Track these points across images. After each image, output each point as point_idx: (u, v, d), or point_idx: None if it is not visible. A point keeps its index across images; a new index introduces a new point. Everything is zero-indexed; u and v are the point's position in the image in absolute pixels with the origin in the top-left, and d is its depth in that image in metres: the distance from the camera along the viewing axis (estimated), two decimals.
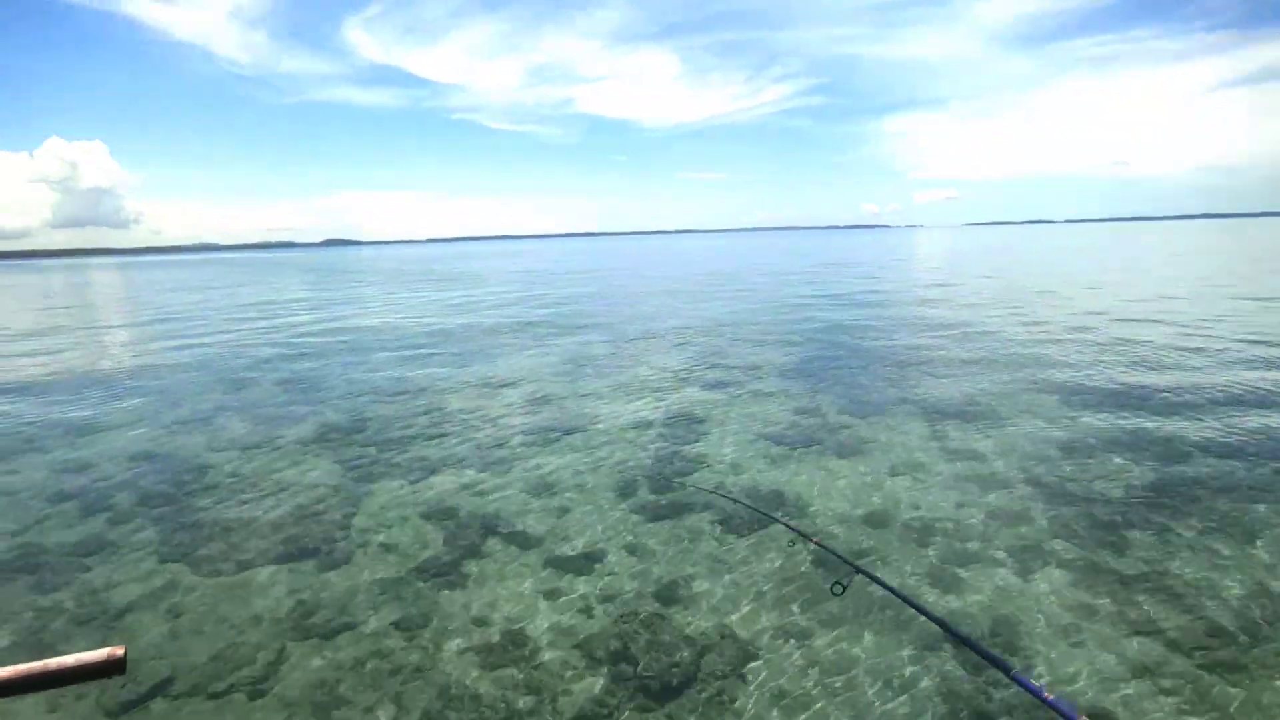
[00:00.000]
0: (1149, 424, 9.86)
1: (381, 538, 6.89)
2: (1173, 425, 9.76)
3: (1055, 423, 10.04)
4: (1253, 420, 9.89)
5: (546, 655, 5.07)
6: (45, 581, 6.14)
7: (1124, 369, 13.52)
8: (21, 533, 7.18)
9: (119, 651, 1.28)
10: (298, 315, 29.11)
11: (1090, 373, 13.29)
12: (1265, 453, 8.57)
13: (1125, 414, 10.40)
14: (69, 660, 1.26)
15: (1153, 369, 13.38)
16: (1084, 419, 10.19)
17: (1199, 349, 15.18)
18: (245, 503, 7.81)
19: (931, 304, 26.61)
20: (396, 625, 5.42)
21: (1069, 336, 17.71)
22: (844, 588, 4.03)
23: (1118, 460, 8.46)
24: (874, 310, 25.08)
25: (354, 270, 79.13)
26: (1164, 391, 11.65)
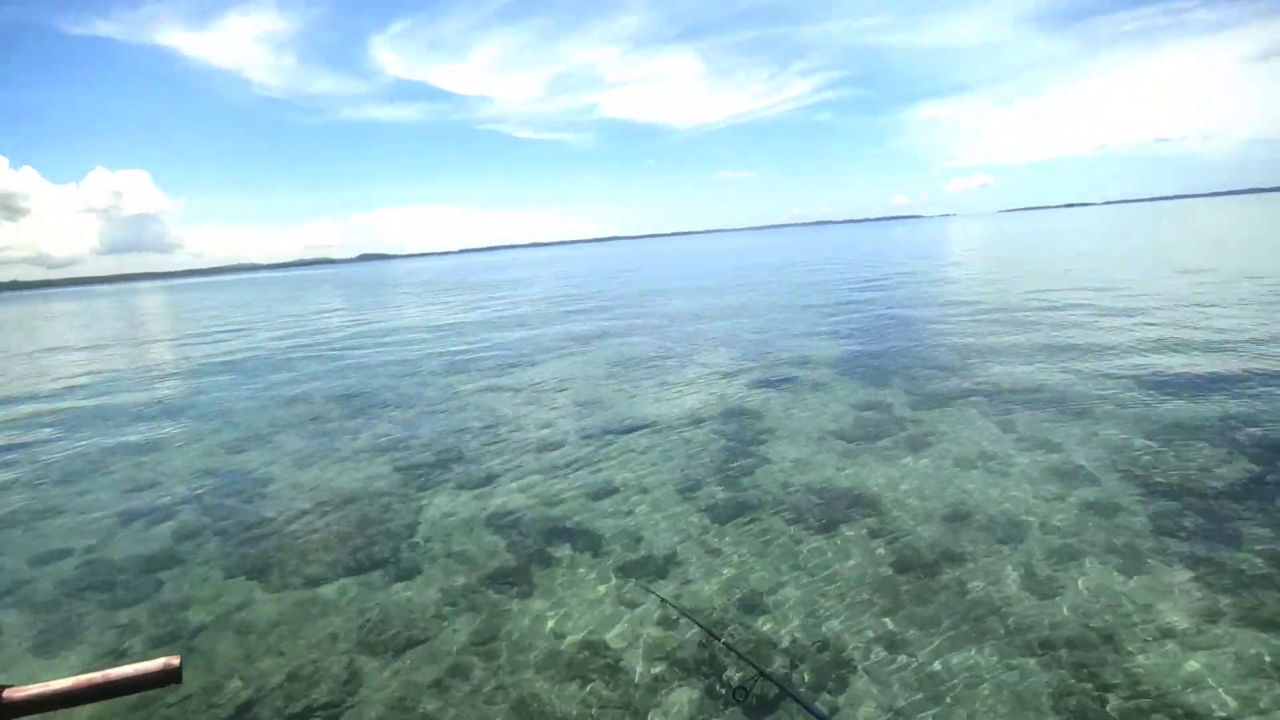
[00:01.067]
0: (1233, 408, 9.23)
1: (448, 547, 6.74)
2: (1260, 408, 9.13)
3: (1131, 410, 9.47)
4: None
5: (634, 668, 4.83)
6: (119, 598, 6.12)
7: (1196, 352, 12.79)
8: (94, 550, 7.22)
9: (175, 661, 1.31)
10: (341, 330, 29.54)
11: (1160, 357, 12.60)
12: None
13: (1205, 399, 9.77)
14: (127, 670, 1.28)
15: (1229, 352, 12.63)
16: (1162, 406, 9.60)
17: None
18: (308, 515, 7.75)
19: (974, 290, 25.79)
20: (473, 639, 5.23)
21: (1123, 320, 16.91)
22: (746, 693, 3.92)
23: (1208, 449, 7.89)
24: (916, 299, 24.40)
25: (391, 283, 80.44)
26: (1245, 376, 10.95)
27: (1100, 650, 4.64)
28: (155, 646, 5.40)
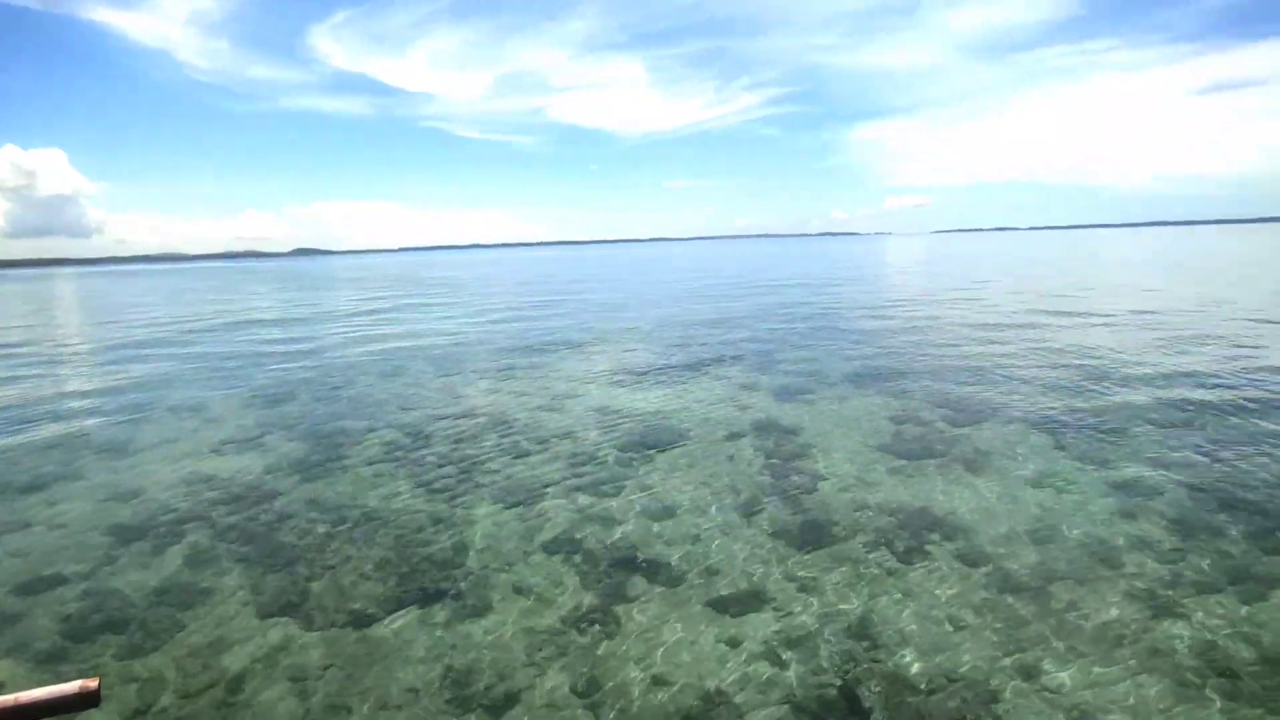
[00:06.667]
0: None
1: (509, 577, 6.07)
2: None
3: (1177, 425, 9.44)
4: None
5: (758, 716, 4.32)
6: (139, 642, 5.25)
7: (1239, 370, 13.01)
8: (92, 576, 6.27)
9: (92, 684, 1.30)
10: (305, 326, 28.07)
11: (1199, 373, 12.77)
12: None
13: (1247, 415, 9.83)
14: (40, 693, 1.25)
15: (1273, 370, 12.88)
16: (1206, 419, 9.61)
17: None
18: (335, 536, 6.95)
19: (965, 309, 26.14)
20: (572, 690, 4.62)
21: (1143, 337, 17.25)
22: None
23: (1275, 465, 7.85)
24: (907, 315, 24.55)
25: (343, 279, 77.65)
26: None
27: (1253, 672, 4.35)
28: (189, 699, 4.60)
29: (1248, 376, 12.13)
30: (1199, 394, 11.06)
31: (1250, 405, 10.32)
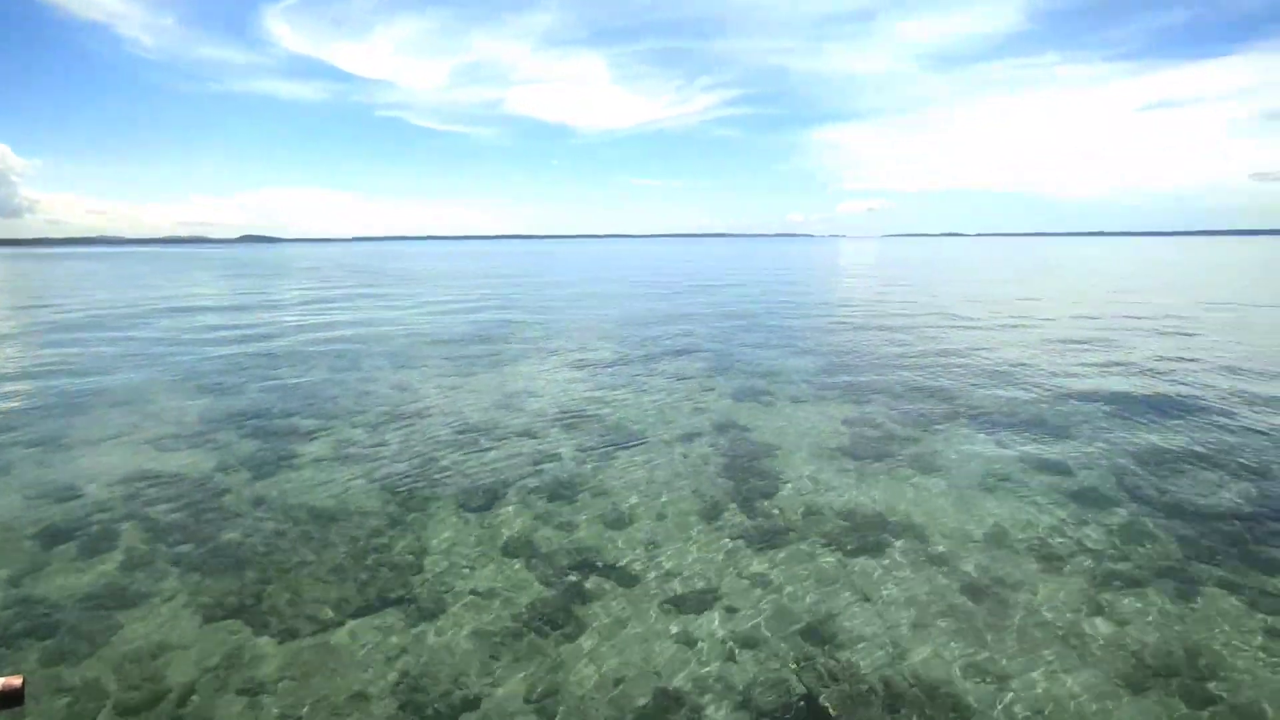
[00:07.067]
0: (1213, 434, 9.79)
1: (466, 580, 5.99)
2: (1233, 432, 9.73)
3: (1115, 433, 9.84)
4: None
5: (715, 715, 4.37)
6: (70, 649, 5.00)
7: (1165, 379, 13.62)
8: (19, 581, 5.94)
9: (15, 682, 1.27)
10: (253, 314, 27.17)
11: (1128, 380, 13.33)
12: None
13: (1176, 423, 10.33)
14: None
15: (1190, 383, 13.51)
16: (1139, 430, 10.05)
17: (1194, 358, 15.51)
18: (286, 536, 6.75)
19: (917, 312, 26.80)
20: (530, 694, 4.58)
21: (1077, 346, 17.92)
22: None
23: (1207, 474, 8.25)
24: (869, 317, 25.06)
25: (298, 268, 75.48)
26: (1202, 400, 11.70)
27: (1199, 674, 4.58)
28: (130, 713, 4.41)
29: (1178, 379, 12.75)
30: (1133, 393, 11.57)
31: (1177, 405, 10.85)
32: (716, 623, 5.39)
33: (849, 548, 6.53)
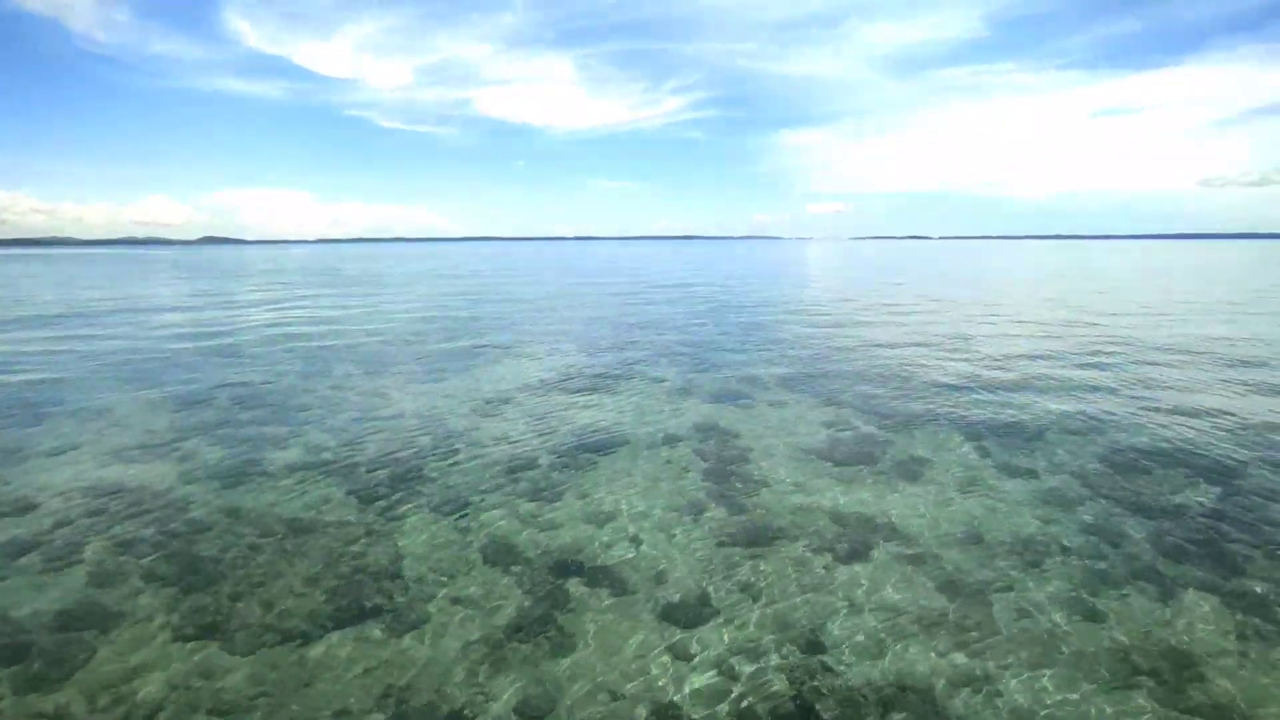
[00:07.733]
0: (1181, 434, 10.05)
1: (447, 590, 5.88)
2: (1201, 430, 10.01)
3: (1084, 436, 10.03)
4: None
5: None
6: (42, 672, 4.80)
7: (1128, 385, 13.95)
8: None
9: None
10: (225, 320, 26.55)
11: (1107, 388, 13.63)
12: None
13: (1141, 424, 10.59)
14: None
15: (1160, 384, 13.85)
16: (1109, 431, 10.27)
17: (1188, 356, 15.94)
18: (260, 550, 6.56)
19: (885, 317, 27.13)
20: (517, 706, 4.51)
21: (1057, 345, 18.28)
22: None
23: (1176, 473, 8.45)
24: (836, 319, 25.30)
25: (267, 270, 74.05)
26: (1168, 400, 12.01)
27: (1178, 671, 4.67)
28: None
29: (1151, 383, 13.10)
30: (1102, 399, 11.85)
31: (1144, 406, 11.13)
32: (705, 629, 5.35)
33: (838, 552, 6.55)
